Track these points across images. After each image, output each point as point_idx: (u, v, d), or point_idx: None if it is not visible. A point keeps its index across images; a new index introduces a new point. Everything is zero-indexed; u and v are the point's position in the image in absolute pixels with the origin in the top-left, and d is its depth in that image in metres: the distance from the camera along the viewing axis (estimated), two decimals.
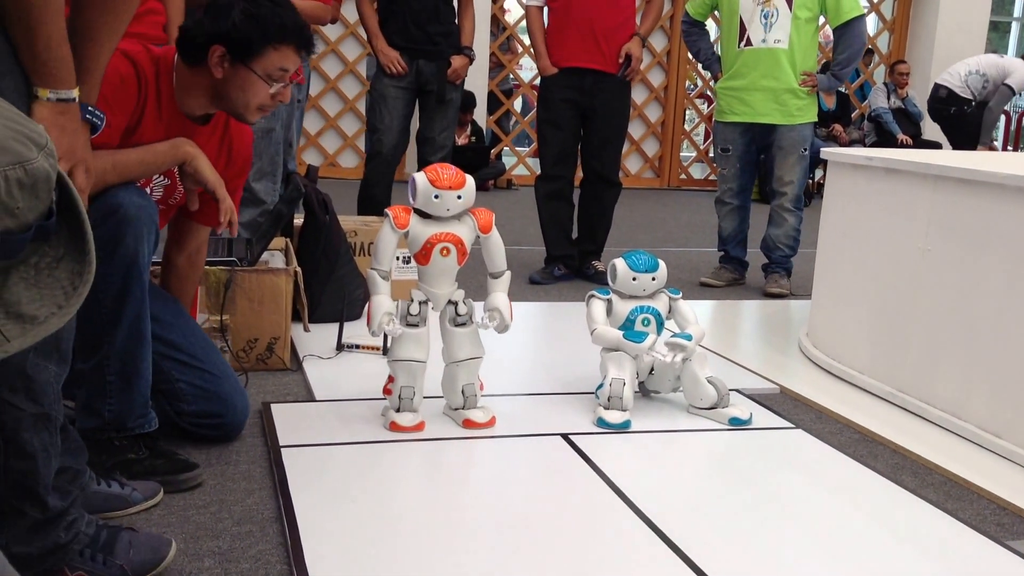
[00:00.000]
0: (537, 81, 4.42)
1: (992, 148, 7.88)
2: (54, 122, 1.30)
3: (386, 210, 2.22)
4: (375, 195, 4.22)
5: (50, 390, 1.37)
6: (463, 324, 2.27)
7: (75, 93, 1.33)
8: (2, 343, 0.91)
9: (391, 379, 2.28)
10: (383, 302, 2.20)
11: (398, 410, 2.27)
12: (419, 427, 2.27)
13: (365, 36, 7.84)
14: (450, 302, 2.28)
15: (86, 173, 1.38)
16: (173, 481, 1.92)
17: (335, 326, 2.97)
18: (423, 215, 2.22)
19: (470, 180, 2.22)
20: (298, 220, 3.31)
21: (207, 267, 2.63)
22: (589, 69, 4.09)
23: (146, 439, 1.97)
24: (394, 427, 2.26)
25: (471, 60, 4.25)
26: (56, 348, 1.37)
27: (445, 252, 2.21)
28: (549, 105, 4.21)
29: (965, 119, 7.62)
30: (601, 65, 4.09)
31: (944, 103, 7.70)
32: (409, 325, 2.23)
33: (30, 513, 1.41)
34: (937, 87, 7.80)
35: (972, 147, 7.57)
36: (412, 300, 2.25)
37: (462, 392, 2.31)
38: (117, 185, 1.87)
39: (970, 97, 7.58)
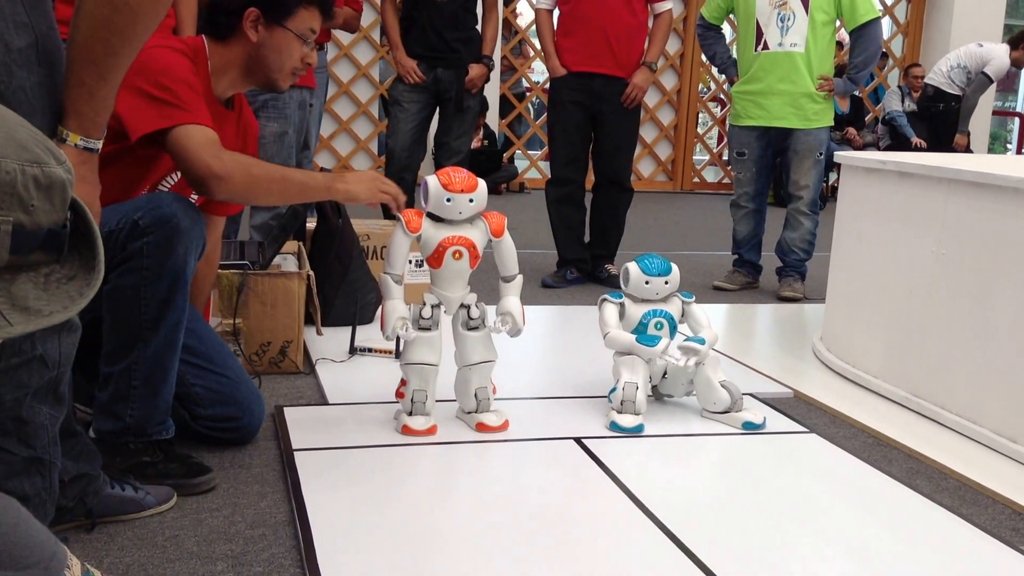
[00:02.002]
0: (548, 85, 4.42)
1: (967, 138, 7.86)
2: (74, 171, 1.29)
3: (398, 214, 2.22)
4: None
5: (44, 434, 1.35)
6: (475, 328, 2.27)
7: (99, 144, 1.31)
8: (4, 326, 0.92)
9: (403, 383, 2.28)
10: (397, 306, 2.20)
11: (410, 413, 2.27)
12: (431, 431, 2.27)
13: (378, 40, 7.94)
14: (462, 306, 2.28)
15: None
16: (187, 484, 1.92)
17: (348, 329, 2.97)
18: (436, 218, 2.22)
19: (482, 183, 2.22)
20: (311, 223, 3.32)
21: (220, 271, 2.64)
22: (599, 73, 4.08)
23: (161, 443, 1.98)
24: (406, 431, 2.26)
25: (489, 69, 4.26)
26: (53, 392, 1.35)
27: (457, 255, 2.21)
28: (558, 108, 4.20)
29: (952, 115, 7.62)
30: (611, 69, 4.07)
31: (932, 101, 7.71)
32: (421, 328, 2.23)
33: None
34: (925, 86, 7.84)
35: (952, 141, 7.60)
36: (424, 304, 2.25)
37: (475, 396, 2.31)
38: (167, 194, 1.91)
39: (957, 92, 7.57)
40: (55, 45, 1.29)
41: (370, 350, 2.93)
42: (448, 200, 2.17)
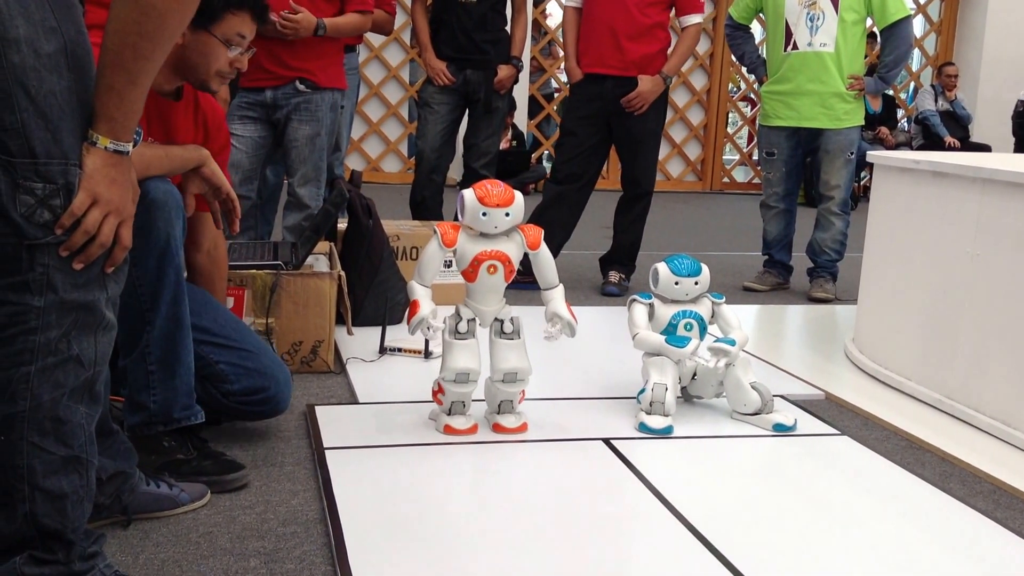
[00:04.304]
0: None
1: None
2: (105, 173, 1.29)
3: (435, 226, 2.22)
4: (424, 199, 4.26)
5: (80, 432, 1.37)
6: (510, 336, 2.27)
7: (130, 147, 1.32)
8: None
9: (441, 389, 2.28)
10: (424, 304, 2.21)
11: (449, 413, 2.28)
12: (472, 430, 2.28)
13: (408, 42, 7.97)
14: (497, 319, 2.27)
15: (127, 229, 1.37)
16: (220, 481, 1.95)
17: (378, 329, 2.99)
18: (471, 231, 2.22)
19: (519, 197, 2.20)
20: (342, 224, 3.34)
21: (253, 271, 2.67)
22: (610, 76, 3.99)
23: (194, 439, 2.01)
24: (448, 430, 2.26)
25: (518, 70, 4.26)
26: (89, 391, 1.37)
27: (492, 270, 2.21)
28: (570, 110, 4.17)
29: None
30: (621, 71, 3.97)
31: (1021, 116, 7.62)
32: (459, 337, 2.23)
33: (56, 553, 1.39)
34: (1018, 102, 7.76)
35: None
36: (460, 318, 2.24)
37: (499, 404, 2.30)
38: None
39: None
40: (84, 50, 1.31)
41: (399, 350, 2.95)
42: (484, 214, 2.16)
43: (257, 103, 3.42)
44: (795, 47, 4.17)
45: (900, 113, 9.30)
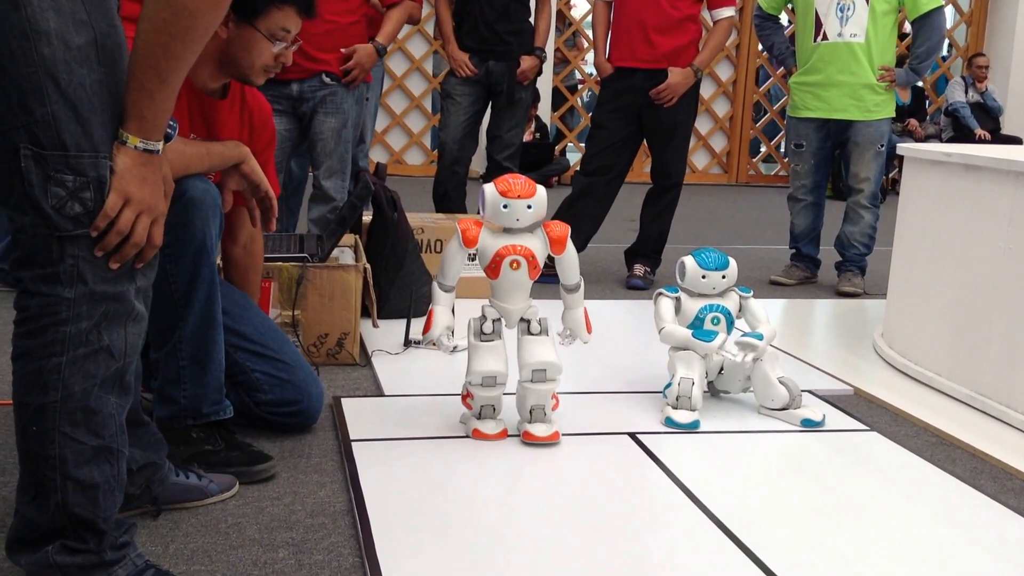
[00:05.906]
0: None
1: None
2: (136, 172, 1.30)
3: (457, 223, 2.17)
4: (447, 192, 4.25)
5: (111, 423, 1.38)
6: (537, 334, 2.21)
7: (160, 146, 1.32)
8: None
9: (470, 393, 2.24)
10: (442, 315, 2.17)
11: (479, 417, 2.25)
12: (502, 435, 2.23)
13: (432, 33, 7.97)
14: (523, 319, 2.21)
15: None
16: (248, 472, 1.96)
17: (403, 322, 2.99)
18: (494, 227, 2.17)
19: (541, 190, 2.14)
20: (366, 217, 3.34)
21: (280, 263, 2.68)
22: (640, 69, 3.96)
23: (222, 432, 2.02)
24: (477, 434, 2.22)
25: (541, 61, 4.24)
26: (119, 382, 1.39)
27: (515, 265, 2.13)
28: (601, 103, 4.14)
29: None
30: (652, 63, 3.93)
31: None
32: (484, 339, 2.18)
33: (87, 542, 1.41)
34: None
35: None
36: (485, 318, 2.19)
37: (530, 412, 2.24)
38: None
39: None
40: (115, 43, 1.31)
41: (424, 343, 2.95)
42: (505, 207, 2.10)
43: (283, 96, 3.43)
44: (825, 38, 4.12)
45: (929, 105, 9.19)
